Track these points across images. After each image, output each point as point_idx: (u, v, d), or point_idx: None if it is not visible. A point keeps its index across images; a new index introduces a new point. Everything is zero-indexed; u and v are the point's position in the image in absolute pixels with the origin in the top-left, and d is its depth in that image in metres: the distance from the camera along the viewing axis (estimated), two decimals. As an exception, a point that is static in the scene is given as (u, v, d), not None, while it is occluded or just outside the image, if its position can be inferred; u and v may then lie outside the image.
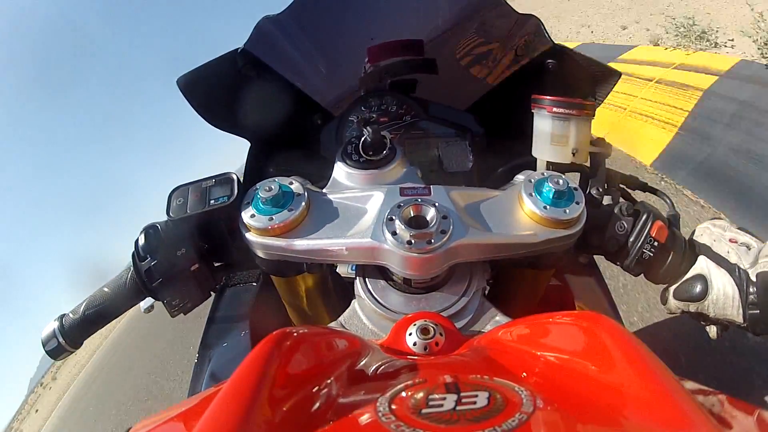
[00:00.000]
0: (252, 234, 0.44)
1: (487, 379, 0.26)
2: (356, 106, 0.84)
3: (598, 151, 0.56)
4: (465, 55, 0.75)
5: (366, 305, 0.44)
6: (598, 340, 0.28)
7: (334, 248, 0.43)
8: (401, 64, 0.76)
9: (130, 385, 4.80)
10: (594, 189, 0.53)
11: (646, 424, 0.20)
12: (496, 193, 0.47)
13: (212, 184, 0.52)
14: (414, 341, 0.36)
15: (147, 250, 0.50)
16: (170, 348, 4.22)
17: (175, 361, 3.85)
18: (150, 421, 0.27)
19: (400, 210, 0.42)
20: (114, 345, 7.97)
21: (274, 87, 0.72)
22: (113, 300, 0.52)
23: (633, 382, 0.24)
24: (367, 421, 0.23)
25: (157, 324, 4.94)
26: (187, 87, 0.61)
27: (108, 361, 7.42)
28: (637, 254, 0.50)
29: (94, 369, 8.29)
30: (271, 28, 0.66)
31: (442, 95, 0.83)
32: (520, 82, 0.71)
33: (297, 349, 0.29)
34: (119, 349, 7.20)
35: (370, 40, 0.72)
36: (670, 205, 0.57)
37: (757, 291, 0.44)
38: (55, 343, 0.51)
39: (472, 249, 0.42)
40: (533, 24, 0.65)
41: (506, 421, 0.21)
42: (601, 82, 0.65)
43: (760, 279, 0.44)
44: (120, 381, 5.44)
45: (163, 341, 4.60)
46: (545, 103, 0.55)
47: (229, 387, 0.23)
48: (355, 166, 0.51)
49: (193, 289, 0.53)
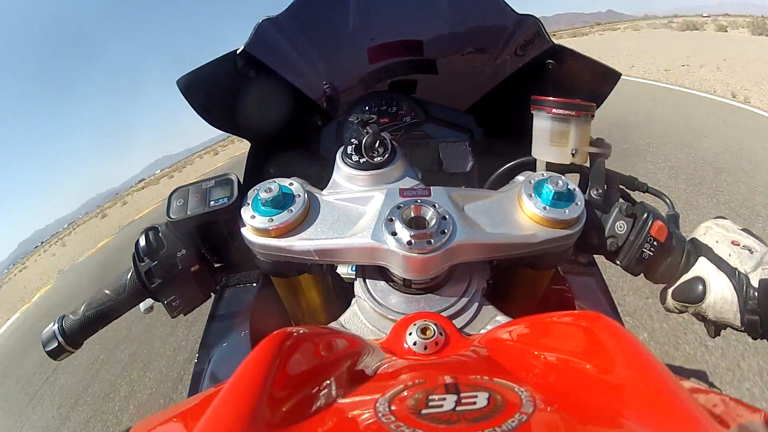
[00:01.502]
0: (252, 235, 0.44)
1: (487, 380, 0.26)
2: (356, 106, 0.84)
3: (598, 152, 0.56)
4: (465, 56, 0.75)
5: (366, 305, 0.44)
6: (598, 340, 0.28)
7: (334, 249, 0.43)
8: (401, 64, 0.76)
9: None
10: (593, 189, 0.53)
11: (646, 424, 0.20)
12: (495, 194, 0.47)
13: (212, 185, 0.52)
14: (414, 341, 0.37)
15: (147, 251, 0.50)
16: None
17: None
18: (150, 421, 0.27)
19: (400, 211, 0.42)
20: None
21: (274, 87, 0.72)
22: (113, 301, 0.52)
23: (633, 382, 0.24)
24: (367, 421, 0.23)
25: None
26: (188, 88, 0.61)
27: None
28: (636, 254, 0.50)
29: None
30: (271, 29, 0.66)
31: (442, 96, 0.83)
32: (520, 82, 0.71)
33: (297, 349, 0.29)
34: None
35: (370, 40, 0.72)
36: (669, 205, 0.57)
37: (757, 297, 0.43)
38: (55, 343, 0.51)
39: (472, 249, 0.42)
40: (533, 24, 0.65)
41: (506, 421, 0.21)
42: (602, 82, 0.65)
43: (761, 285, 0.43)
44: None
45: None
46: (545, 103, 0.55)
47: (230, 387, 0.24)
48: (355, 166, 0.51)
49: (193, 290, 0.53)
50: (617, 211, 0.51)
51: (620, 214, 0.51)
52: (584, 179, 0.56)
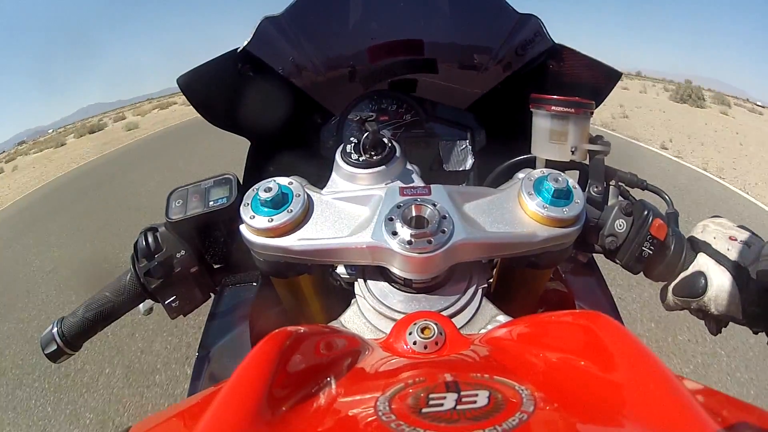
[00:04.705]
0: (251, 235, 0.44)
1: (488, 378, 0.26)
2: (356, 105, 0.84)
3: (597, 149, 0.56)
4: (465, 55, 0.75)
5: (366, 305, 0.44)
6: (598, 339, 0.28)
7: (334, 249, 0.43)
8: (401, 64, 0.76)
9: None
10: (593, 187, 0.53)
11: (646, 423, 0.20)
12: (495, 192, 0.47)
13: (211, 185, 0.52)
14: (414, 340, 0.36)
15: (146, 252, 0.50)
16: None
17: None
18: (150, 420, 0.27)
19: (400, 210, 0.42)
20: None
21: (274, 87, 0.72)
22: (112, 302, 0.52)
23: (633, 382, 0.24)
24: (367, 420, 0.23)
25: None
26: (188, 86, 0.61)
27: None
28: (636, 252, 0.50)
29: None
30: (271, 29, 0.66)
31: (442, 95, 0.83)
32: (521, 81, 0.71)
33: (297, 348, 0.29)
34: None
35: (370, 40, 0.72)
36: (669, 203, 0.57)
37: (757, 288, 0.44)
38: (54, 346, 0.51)
39: (472, 248, 0.42)
40: (534, 24, 0.65)
41: (507, 420, 0.21)
42: (602, 81, 0.65)
43: (760, 277, 0.44)
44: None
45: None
46: (544, 102, 0.55)
47: (230, 386, 0.23)
48: (355, 165, 0.51)
49: (193, 290, 0.53)
50: (617, 209, 0.51)
51: (620, 212, 0.51)
52: (584, 176, 0.56)
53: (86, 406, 2.03)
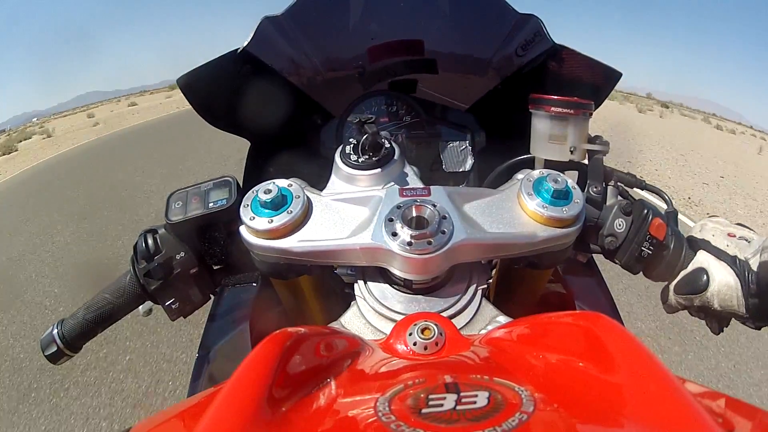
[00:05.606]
0: (251, 236, 0.44)
1: (487, 379, 0.26)
2: (356, 106, 0.84)
3: (596, 149, 0.56)
4: (465, 55, 0.75)
5: (366, 306, 0.44)
6: (598, 340, 0.28)
7: (334, 250, 0.43)
8: (401, 64, 0.76)
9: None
10: (592, 187, 0.53)
11: (647, 424, 0.20)
12: (495, 193, 0.47)
13: (211, 187, 0.52)
14: (414, 341, 0.36)
15: (145, 253, 0.50)
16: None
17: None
18: (150, 421, 0.27)
19: (400, 211, 0.42)
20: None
21: (274, 87, 0.72)
22: (112, 304, 0.52)
23: (634, 382, 0.24)
24: (367, 420, 0.23)
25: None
26: (188, 86, 0.61)
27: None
28: (636, 252, 0.50)
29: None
30: (271, 29, 0.66)
31: (442, 95, 0.83)
32: (521, 81, 0.71)
33: (297, 349, 0.29)
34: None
35: (370, 40, 0.72)
36: (668, 203, 0.57)
37: (758, 280, 0.44)
38: (54, 347, 0.51)
39: (472, 249, 0.42)
40: (534, 24, 0.65)
41: (506, 420, 0.21)
42: (602, 81, 0.65)
43: (761, 268, 0.44)
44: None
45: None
46: (543, 102, 0.55)
47: (230, 387, 0.23)
48: (354, 166, 0.50)
49: (193, 292, 0.53)
50: (616, 209, 0.51)
51: (619, 211, 0.50)
52: (583, 176, 0.56)
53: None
